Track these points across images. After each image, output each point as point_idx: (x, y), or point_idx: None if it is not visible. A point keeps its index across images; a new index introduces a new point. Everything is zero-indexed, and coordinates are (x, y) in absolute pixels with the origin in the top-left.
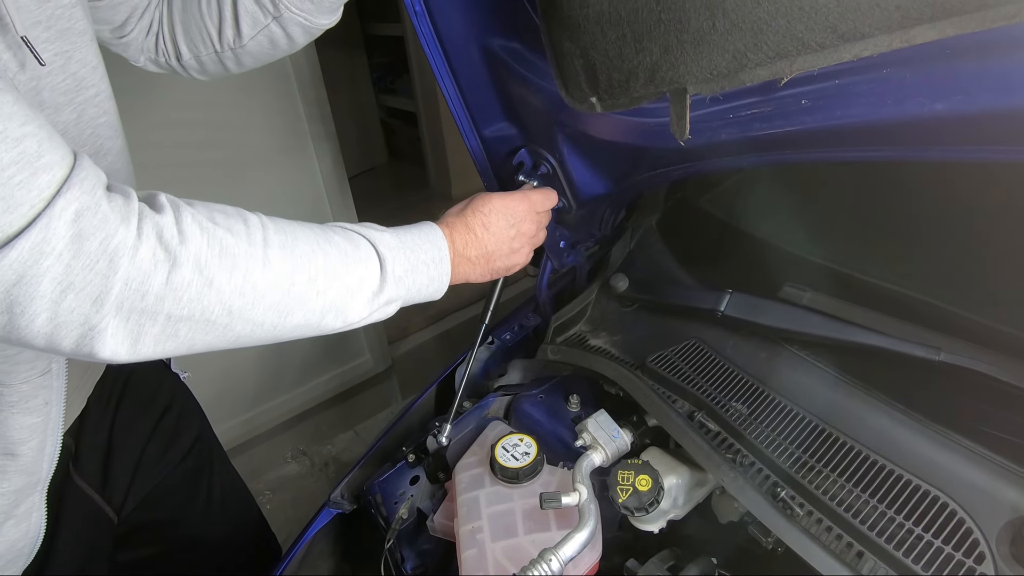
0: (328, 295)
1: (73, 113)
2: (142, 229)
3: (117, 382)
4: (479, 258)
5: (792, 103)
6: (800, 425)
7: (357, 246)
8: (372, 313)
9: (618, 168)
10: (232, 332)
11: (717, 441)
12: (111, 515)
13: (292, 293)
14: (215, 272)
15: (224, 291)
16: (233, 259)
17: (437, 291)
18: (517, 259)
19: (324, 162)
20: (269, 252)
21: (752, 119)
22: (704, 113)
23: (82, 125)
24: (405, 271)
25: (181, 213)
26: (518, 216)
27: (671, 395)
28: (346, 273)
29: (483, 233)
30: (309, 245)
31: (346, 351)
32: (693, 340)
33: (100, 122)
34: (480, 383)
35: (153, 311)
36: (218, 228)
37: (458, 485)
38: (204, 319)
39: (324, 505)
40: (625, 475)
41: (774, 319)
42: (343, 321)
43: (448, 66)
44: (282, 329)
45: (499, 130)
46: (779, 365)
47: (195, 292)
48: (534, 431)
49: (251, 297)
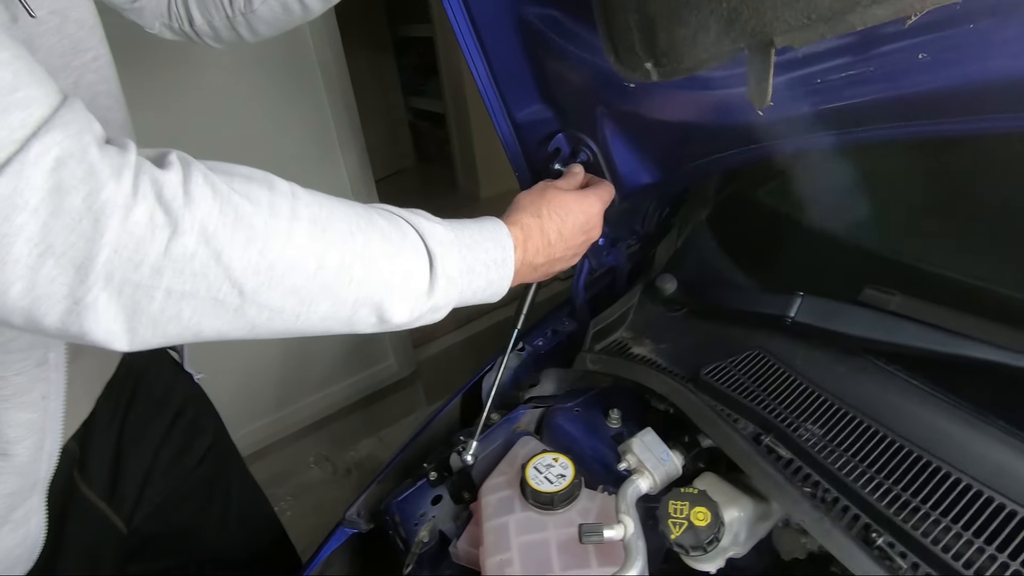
0: (364, 286)
1: (70, 78)
2: (139, 186)
3: (127, 383)
4: (543, 264)
5: (903, 59)
6: (893, 453)
7: (404, 235)
8: (416, 319)
9: (669, 154)
10: (245, 318)
11: (790, 470)
12: (120, 526)
13: (319, 278)
14: (225, 244)
15: (235, 267)
16: (249, 230)
17: (494, 295)
18: (573, 263)
19: (351, 163)
20: (295, 227)
21: (846, 83)
22: (782, 80)
23: (80, 91)
24: (459, 272)
25: (191, 172)
26: (592, 222)
27: (731, 414)
28: (388, 264)
29: (557, 240)
30: (347, 224)
31: (370, 355)
32: (756, 350)
33: (99, 89)
34: (510, 393)
35: (149, 285)
36: (235, 193)
37: (484, 509)
38: (211, 298)
39: (339, 524)
40: (678, 506)
41: (858, 327)
42: (379, 319)
43: (478, 41)
44: (306, 321)
45: (533, 113)
46: (864, 381)
47: (200, 265)
48: (569, 449)
49: (267, 277)
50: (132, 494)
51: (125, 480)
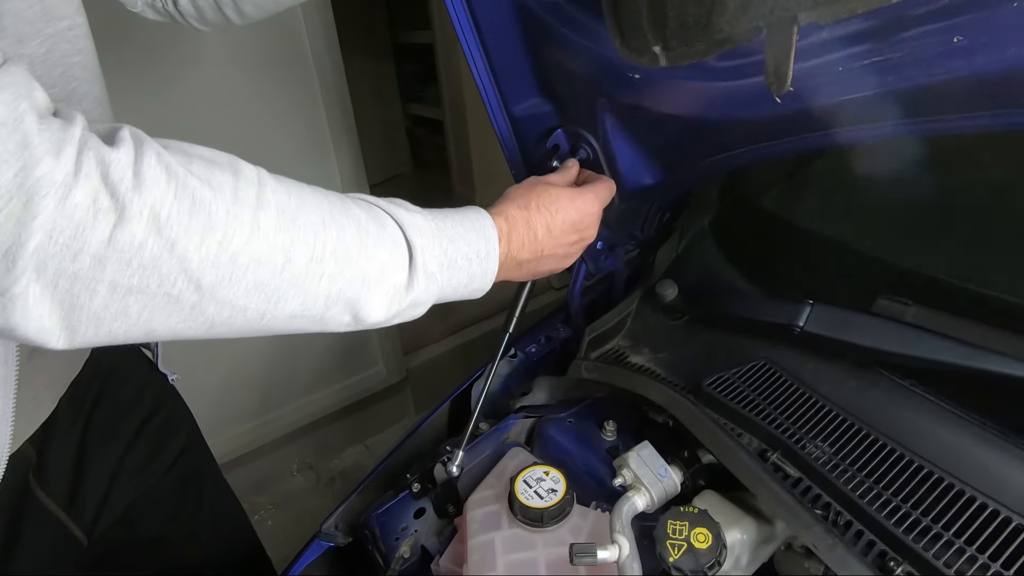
0: (337, 282)
1: (41, 47)
2: (82, 164)
3: (93, 383)
4: (530, 261)
5: (936, 43)
6: (911, 474)
7: (382, 226)
8: (393, 316)
9: (673, 151)
10: (204, 316)
11: (799, 490)
12: (79, 536)
13: (287, 273)
14: (180, 233)
15: (191, 259)
16: (208, 218)
17: (477, 291)
18: (565, 264)
19: (345, 167)
20: (261, 216)
21: (870, 71)
22: (798, 69)
23: (51, 62)
24: (440, 266)
25: (144, 150)
26: (586, 221)
27: (735, 428)
28: (364, 257)
29: (544, 236)
30: (318, 214)
31: (359, 360)
32: (761, 361)
33: (74, 61)
34: (500, 401)
35: (90, 278)
36: (192, 177)
37: (470, 524)
38: (163, 294)
39: (315, 536)
40: (677, 526)
41: (873, 338)
42: (353, 317)
43: (476, 31)
44: (273, 319)
45: (532, 107)
46: (877, 396)
47: (150, 256)
48: (561, 462)
49: (228, 271)
50: (93, 502)
51: (86, 487)
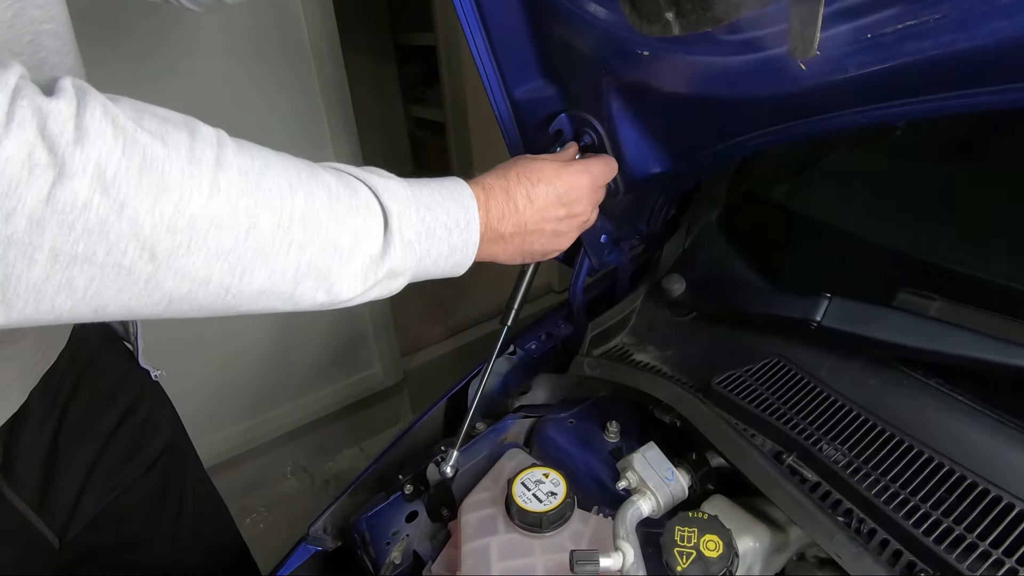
0: (307, 251)
1: (7, 11)
2: (15, 113)
3: (69, 375)
4: (514, 235)
5: (977, 2)
6: (941, 478)
7: (354, 191)
8: (369, 289)
9: (682, 137)
10: (161, 291)
11: (818, 495)
12: (51, 539)
13: (252, 240)
14: (130, 193)
15: (143, 223)
16: (161, 177)
17: (458, 266)
18: (559, 244)
19: (342, 161)
20: (221, 177)
21: (904, 36)
22: (824, 38)
23: (19, 28)
24: (418, 235)
25: (88, 101)
26: (574, 194)
27: (747, 428)
28: (335, 224)
29: (525, 206)
30: (285, 178)
31: (356, 361)
32: (775, 358)
33: (44, 28)
34: (497, 400)
35: (27, 243)
36: (143, 131)
37: (464, 528)
38: (114, 264)
39: (302, 540)
40: (686, 533)
41: (896, 333)
42: (327, 293)
43: (477, 11)
44: (239, 295)
45: (534, 90)
46: (899, 394)
47: (96, 219)
48: (561, 464)
49: (186, 237)
50: (66, 503)
51: (58, 486)
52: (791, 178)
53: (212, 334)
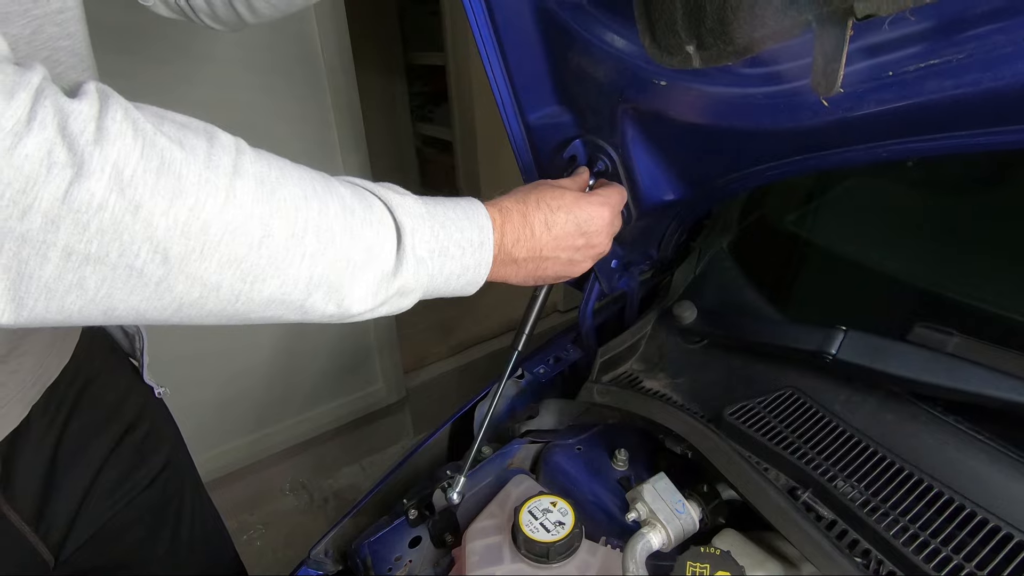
0: (319, 263)
1: (27, 27)
2: (37, 112)
3: (71, 390)
4: (528, 260)
5: (1003, 42)
6: (962, 521)
7: (369, 205)
8: (380, 305)
9: (696, 165)
10: (171, 294)
11: (835, 533)
12: (46, 556)
13: (265, 249)
14: (146, 195)
15: (157, 225)
16: (177, 181)
17: (469, 285)
18: (572, 271)
19: (351, 171)
20: (237, 184)
21: (926, 75)
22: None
23: (37, 44)
24: (431, 252)
25: (110, 104)
26: (594, 225)
27: (761, 462)
28: (348, 237)
29: (542, 233)
30: (300, 189)
31: (359, 378)
32: (788, 390)
33: (61, 45)
34: (504, 425)
35: (41, 241)
36: (162, 135)
37: (469, 556)
38: (126, 265)
39: (303, 563)
40: (697, 569)
41: (914, 369)
42: (338, 306)
43: (495, 38)
44: (248, 303)
45: (549, 116)
46: (918, 431)
47: (111, 219)
48: (568, 492)
49: (199, 242)
50: (63, 520)
51: (57, 503)
52: (803, 207)
53: (215, 348)
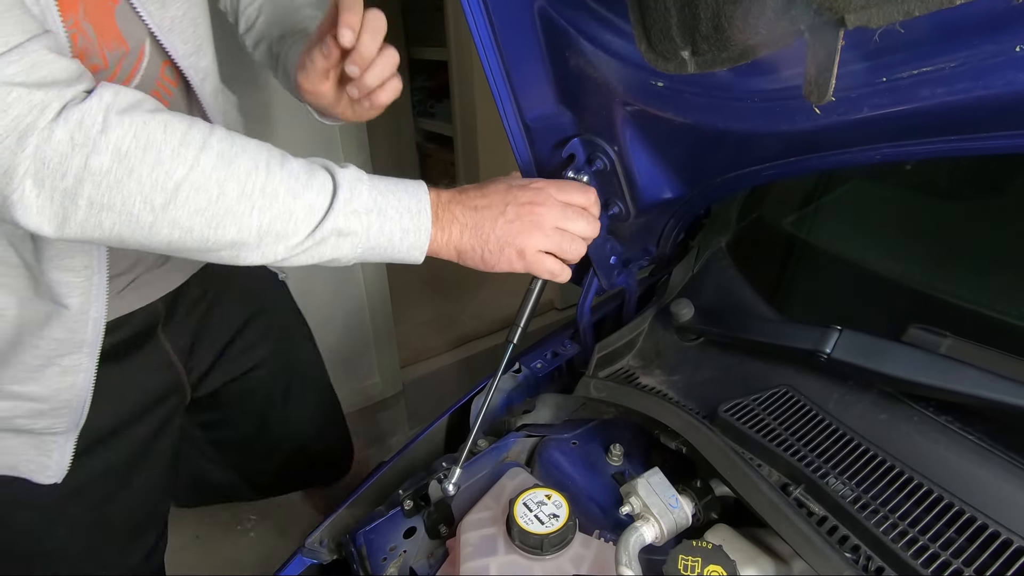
0: (266, 215)
1: (180, 9)
2: (63, 113)
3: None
4: (468, 214)
5: (994, 52)
6: (950, 519)
7: (313, 174)
8: (318, 244)
9: (694, 164)
10: (160, 234)
11: (826, 529)
12: (186, 387)
13: (220, 203)
14: (136, 163)
15: (144, 183)
16: (158, 154)
17: (412, 248)
18: (528, 233)
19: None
20: (202, 155)
21: (919, 82)
22: (840, 79)
23: (186, 22)
24: (368, 210)
25: (114, 104)
26: (527, 183)
27: (755, 459)
28: (290, 197)
29: (475, 192)
30: (254, 162)
31: (356, 370)
32: (782, 388)
33: (199, 22)
34: (500, 418)
35: (74, 193)
36: (150, 125)
37: (463, 547)
38: (126, 211)
39: (297, 551)
40: (689, 562)
41: (909, 369)
42: (286, 248)
43: (494, 38)
44: (216, 243)
45: (548, 115)
46: (910, 431)
47: (114, 180)
48: (562, 486)
49: (172, 195)
50: (205, 366)
51: (202, 348)
52: (801, 207)
53: None
